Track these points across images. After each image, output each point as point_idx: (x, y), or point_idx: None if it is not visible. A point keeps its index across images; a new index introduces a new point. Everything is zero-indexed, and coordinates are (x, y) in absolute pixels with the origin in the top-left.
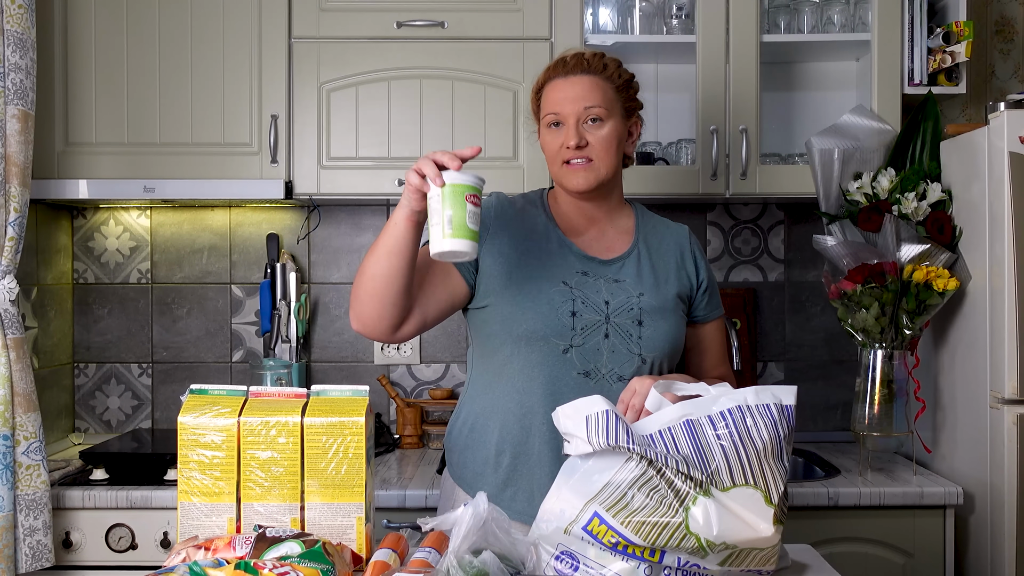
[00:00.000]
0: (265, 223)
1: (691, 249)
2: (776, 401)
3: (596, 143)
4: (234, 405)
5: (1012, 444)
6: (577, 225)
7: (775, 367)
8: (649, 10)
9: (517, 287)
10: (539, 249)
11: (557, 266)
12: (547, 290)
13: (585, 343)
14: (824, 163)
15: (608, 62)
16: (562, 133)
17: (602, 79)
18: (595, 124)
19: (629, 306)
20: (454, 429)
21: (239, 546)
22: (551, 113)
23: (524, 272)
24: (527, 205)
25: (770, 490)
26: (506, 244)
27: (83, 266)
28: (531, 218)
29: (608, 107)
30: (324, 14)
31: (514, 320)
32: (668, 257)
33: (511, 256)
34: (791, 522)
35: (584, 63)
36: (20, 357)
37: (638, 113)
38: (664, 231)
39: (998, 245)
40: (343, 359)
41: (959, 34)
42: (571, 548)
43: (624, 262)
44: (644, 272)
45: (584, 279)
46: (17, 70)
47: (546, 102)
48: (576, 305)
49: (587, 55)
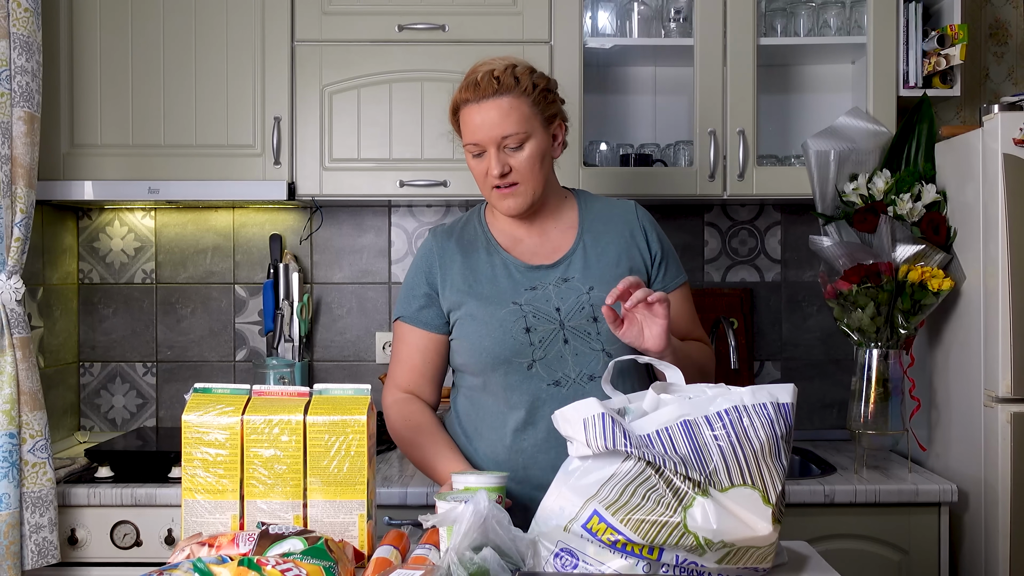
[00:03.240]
0: (268, 224)
1: (640, 223)
2: (773, 400)
3: (519, 167)
4: (237, 404)
5: (1006, 442)
6: (517, 236)
7: (772, 366)
8: (647, 13)
9: (472, 317)
10: (485, 275)
11: (503, 289)
12: (497, 313)
13: (547, 355)
14: (820, 165)
15: (519, 75)
16: (485, 160)
17: (515, 97)
18: (515, 149)
19: (580, 305)
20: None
21: (242, 543)
22: (471, 144)
23: (476, 301)
24: (465, 230)
25: (768, 489)
26: (456, 279)
27: (88, 266)
28: (472, 244)
29: (526, 128)
30: (326, 17)
31: (475, 349)
32: (616, 239)
33: (462, 289)
34: (787, 519)
35: (495, 83)
36: (26, 356)
37: (561, 115)
38: (609, 213)
39: (992, 246)
40: (345, 358)
41: (953, 37)
42: (571, 545)
43: (570, 260)
44: (591, 264)
45: (533, 293)
46: (23, 73)
47: (464, 128)
48: (528, 320)
49: (497, 71)
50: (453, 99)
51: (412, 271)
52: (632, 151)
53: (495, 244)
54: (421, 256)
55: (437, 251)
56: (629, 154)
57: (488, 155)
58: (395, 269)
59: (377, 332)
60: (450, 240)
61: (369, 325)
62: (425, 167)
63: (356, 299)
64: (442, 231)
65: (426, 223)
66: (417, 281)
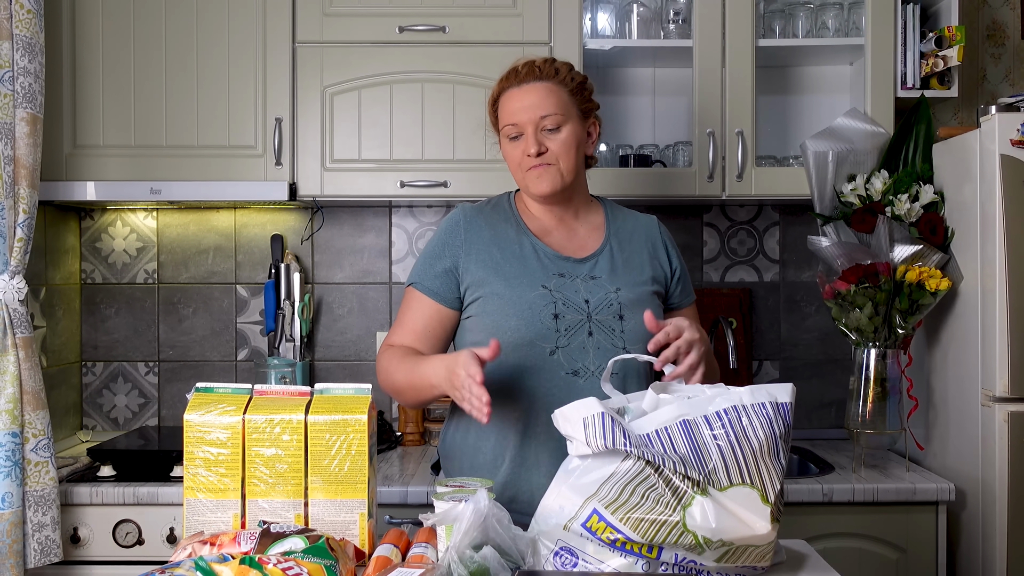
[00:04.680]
0: (269, 224)
1: (662, 239)
2: (771, 399)
3: (555, 147)
4: (239, 403)
5: (1003, 441)
6: (547, 226)
7: (770, 366)
8: (647, 15)
9: (497, 296)
10: (514, 256)
11: (534, 270)
12: (527, 295)
13: (570, 343)
14: (818, 165)
15: (560, 67)
16: (522, 143)
17: (555, 84)
18: (552, 131)
19: (608, 302)
20: (447, 435)
21: (244, 541)
22: (509, 124)
23: (502, 280)
24: (495, 213)
25: (767, 489)
26: (483, 254)
27: (91, 266)
28: (501, 225)
29: (564, 112)
30: (327, 19)
31: (498, 328)
32: (639, 248)
33: (488, 266)
34: (786, 518)
35: (536, 70)
36: (29, 356)
37: (595, 114)
38: (634, 223)
39: (989, 246)
40: (346, 358)
41: (951, 39)
42: (570, 544)
43: (597, 259)
44: (618, 266)
45: (561, 280)
46: (26, 74)
47: (503, 113)
48: (557, 307)
49: (538, 62)
50: (493, 91)
51: (435, 242)
52: (631, 152)
53: (524, 227)
54: (447, 229)
55: (464, 224)
56: (628, 155)
57: (526, 135)
58: (395, 269)
59: (378, 332)
60: (480, 215)
61: (370, 325)
62: (425, 168)
63: (357, 299)
64: (471, 207)
65: (426, 223)
66: (439, 252)
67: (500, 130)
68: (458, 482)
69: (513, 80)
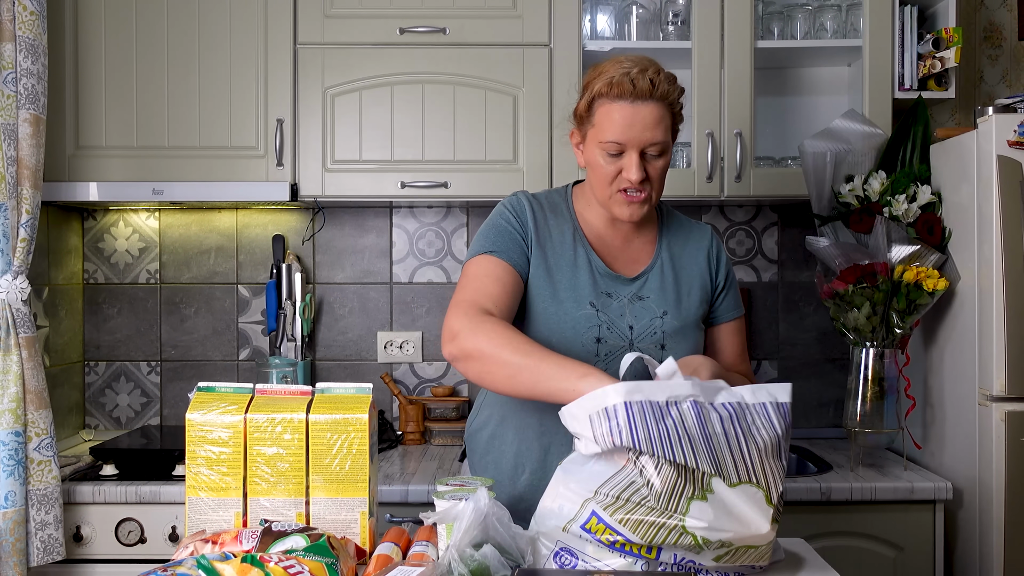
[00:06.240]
0: (271, 224)
1: (715, 252)
2: (772, 400)
3: (655, 176)
4: (241, 402)
5: (1000, 440)
6: (604, 235)
7: (769, 365)
8: (646, 16)
9: (544, 306)
10: (568, 264)
11: (583, 286)
12: (573, 313)
13: (608, 368)
14: (816, 166)
15: (671, 88)
16: (620, 161)
17: (665, 107)
18: (656, 157)
19: (652, 330)
20: (473, 426)
21: (245, 540)
22: (614, 142)
23: (551, 290)
24: (552, 210)
25: (771, 490)
26: (541, 253)
27: (93, 267)
28: (559, 227)
29: (667, 138)
30: (328, 20)
31: (539, 341)
32: (691, 261)
33: (542, 267)
34: (784, 517)
35: (650, 86)
36: (32, 355)
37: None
38: (688, 233)
39: (987, 246)
40: (347, 357)
41: (948, 40)
42: (569, 545)
43: (647, 277)
44: (667, 286)
45: (608, 300)
46: (29, 75)
47: (607, 124)
48: (601, 331)
49: (656, 79)
50: (594, 87)
51: (506, 217)
52: None
53: (582, 235)
54: (517, 210)
55: (531, 214)
56: None
57: (629, 157)
58: (396, 269)
59: (379, 332)
60: (542, 210)
61: (371, 325)
62: (426, 168)
63: (358, 299)
64: (534, 200)
65: (427, 224)
66: (512, 226)
67: (590, 133)
68: (458, 481)
69: (628, 92)
